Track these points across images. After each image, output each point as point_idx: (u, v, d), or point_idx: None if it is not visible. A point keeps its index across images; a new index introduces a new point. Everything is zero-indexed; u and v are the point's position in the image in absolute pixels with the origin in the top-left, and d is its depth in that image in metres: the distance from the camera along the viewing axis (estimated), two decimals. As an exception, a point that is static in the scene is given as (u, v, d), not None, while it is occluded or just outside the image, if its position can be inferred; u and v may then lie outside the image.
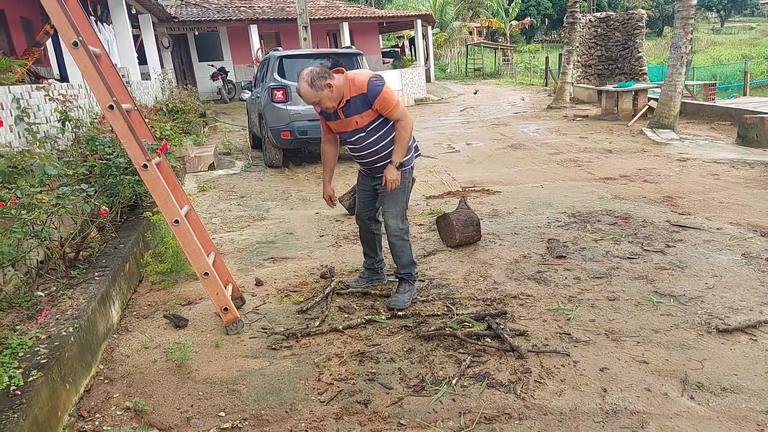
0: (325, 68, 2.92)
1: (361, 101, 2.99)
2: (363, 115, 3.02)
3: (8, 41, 9.92)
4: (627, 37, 16.10)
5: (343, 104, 3.00)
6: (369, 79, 2.97)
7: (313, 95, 2.89)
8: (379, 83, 2.97)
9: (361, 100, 2.99)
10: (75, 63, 2.68)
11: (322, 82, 2.87)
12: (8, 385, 1.98)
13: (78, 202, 2.77)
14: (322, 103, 2.94)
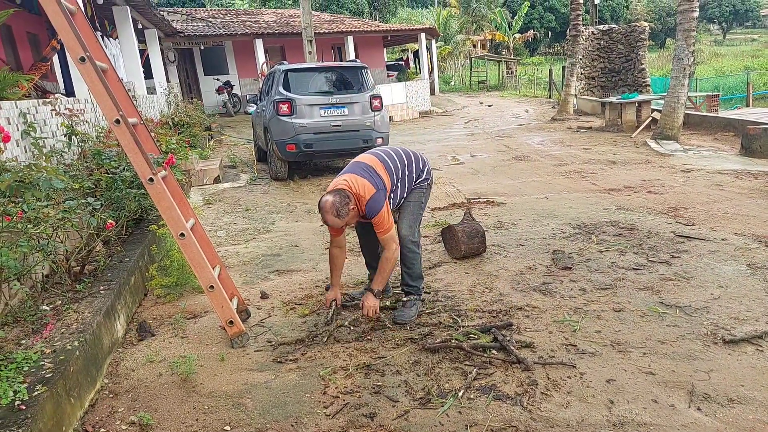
0: (342, 193, 2.97)
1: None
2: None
3: (15, 56, 10.07)
4: (630, 50, 16.19)
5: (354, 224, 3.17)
6: (368, 201, 3.01)
7: (342, 222, 3.00)
8: (375, 207, 3.01)
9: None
10: (82, 78, 2.72)
11: (347, 209, 2.96)
12: (13, 400, 1.98)
13: (84, 215, 2.80)
14: (349, 224, 3.08)
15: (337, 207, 2.91)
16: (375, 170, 3.16)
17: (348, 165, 3.28)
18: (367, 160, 3.26)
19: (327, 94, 7.87)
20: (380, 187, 3.07)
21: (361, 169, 3.16)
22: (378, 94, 8.17)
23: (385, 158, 3.27)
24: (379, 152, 3.36)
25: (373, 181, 3.08)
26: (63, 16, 2.62)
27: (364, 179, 3.07)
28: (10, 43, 10.10)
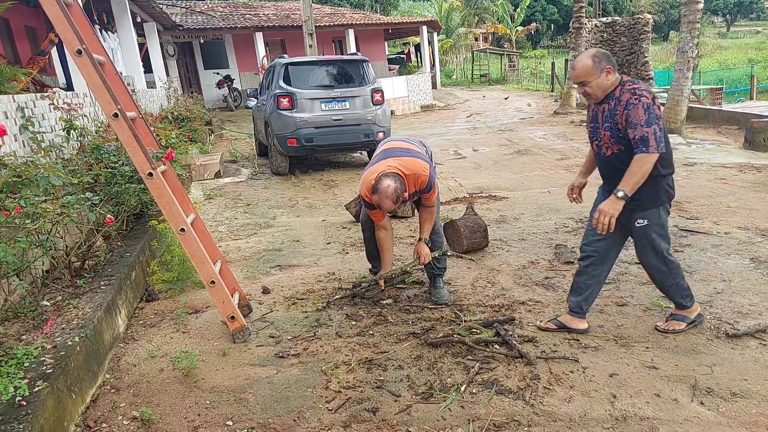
0: (400, 178, 2.96)
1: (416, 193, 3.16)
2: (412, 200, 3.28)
3: (13, 50, 10.03)
4: (633, 42, 16.08)
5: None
6: (429, 178, 3.08)
7: (396, 206, 3.00)
8: (433, 179, 3.12)
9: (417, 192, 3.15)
10: (79, 71, 2.70)
11: (404, 195, 2.97)
12: (14, 396, 1.98)
13: (83, 210, 2.78)
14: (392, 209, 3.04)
15: (398, 193, 2.92)
16: (415, 150, 3.22)
17: (381, 152, 3.26)
18: (399, 144, 3.29)
19: (328, 87, 7.83)
20: (431, 164, 3.15)
21: (401, 151, 3.18)
22: (379, 88, 8.12)
23: (413, 141, 3.38)
24: (403, 138, 3.45)
25: (423, 158, 3.15)
26: (59, 8, 2.59)
27: (413, 158, 3.11)
28: (7, 36, 10.06)
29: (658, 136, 2.36)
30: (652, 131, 2.35)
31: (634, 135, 2.40)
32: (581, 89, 2.57)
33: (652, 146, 2.36)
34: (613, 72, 2.48)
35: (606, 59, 2.47)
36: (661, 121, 2.41)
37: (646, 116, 2.36)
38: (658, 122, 2.38)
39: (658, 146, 2.36)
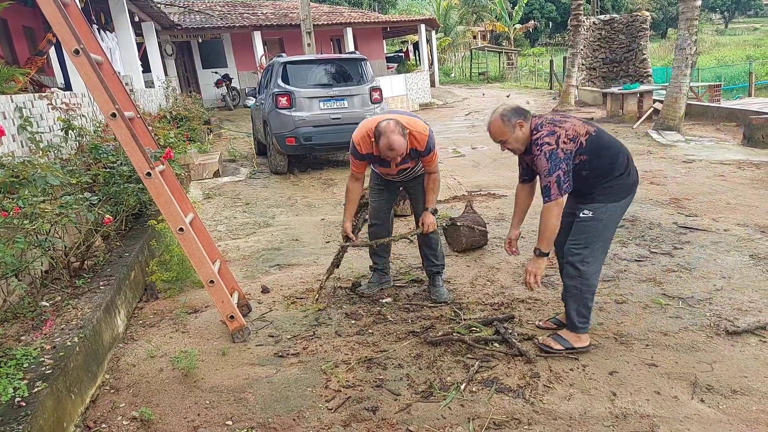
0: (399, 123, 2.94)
1: (413, 153, 3.09)
2: (414, 162, 3.18)
3: (11, 50, 10.01)
4: (631, 40, 16.09)
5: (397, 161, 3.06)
6: (428, 137, 3.06)
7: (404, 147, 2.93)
8: (433, 142, 3.11)
9: (415, 152, 3.08)
10: (77, 71, 2.69)
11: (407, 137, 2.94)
12: (13, 397, 1.97)
13: (82, 211, 2.77)
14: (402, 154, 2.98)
15: (401, 128, 2.90)
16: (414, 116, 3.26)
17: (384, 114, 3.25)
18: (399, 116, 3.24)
19: (326, 86, 7.81)
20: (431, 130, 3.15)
21: (398, 113, 3.20)
22: (378, 86, 8.11)
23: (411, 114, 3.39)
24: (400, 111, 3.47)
25: (421, 120, 3.15)
26: (56, 8, 2.58)
27: (412, 118, 3.12)
28: (5, 36, 10.03)
29: (561, 181, 2.43)
30: (555, 179, 2.43)
31: (540, 185, 2.51)
32: (503, 147, 2.65)
33: (554, 194, 2.44)
34: (526, 122, 2.55)
35: (515, 114, 2.55)
36: (564, 164, 2.43)
37: (548, 165, 2.44)
38: (562, 165, 2.43)
39: (560, 192, 2.44)
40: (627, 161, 2.59)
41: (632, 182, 2.61)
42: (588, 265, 2.57)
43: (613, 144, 2.60)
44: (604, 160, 2.53)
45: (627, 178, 2.58)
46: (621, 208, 2.62)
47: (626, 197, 2.61)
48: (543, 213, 2.50)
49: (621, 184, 2.56)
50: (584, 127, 2.53)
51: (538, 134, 2.50)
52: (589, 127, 2.55)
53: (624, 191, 2.59)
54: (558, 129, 2.48)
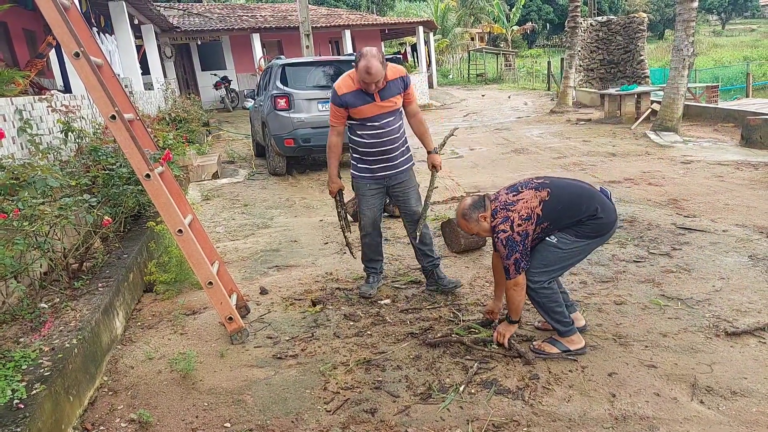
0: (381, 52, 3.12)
1: (396, 85, 3.21)
2: (396, 98, 3.23)
3: (11, 53, 10.00)
4: (628, 41, 16.13)
5: (383, 86, 3.14)
6: (406, 75, 3.25)
7: (382, 73, 3.04)
8: (410, 79, 3.31)
9: (397, 84, 3.21)
10: (77, 73, 2.69)
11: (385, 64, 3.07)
12: (11, 399, 1.97)
13: (81, 212, 2.77)
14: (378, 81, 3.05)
15: (382, 56, 3.03)
16: None
17: None
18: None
19: (325, 88, 7.81)
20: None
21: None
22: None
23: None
24: None
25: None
26: (56, 11, 2.58)
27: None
28: (6, 39, 10.03)
29: (518, 262, 2.55)
30: (512, 262, 2.55)
31: (503, 265, 2.63)
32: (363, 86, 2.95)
33: (513, 274, 2.57)
34: (487, 211, 2.65)
35: (474, 210, 2.65)
36: (521, 245, 2.54)
37: (506, 251, 2.56)
38: (518, 248, 2.54)
39: (518, 271, 2.56)
40: (595, 203, 2.59)
41: (607, 222, 2.60)
42: (538, 283, 2.62)
43: (573, 196, 2.62)
44: (566, 216, 2.59)
45: (600, 219, 2.58)
46: (590, 245, 2.66)
47: (600, 236, 2.64)
48: (507, 290, 2.65)
49: (595, 224, 2.59)
50: (537, 197, 2.59)
51: (494, 222, 2.61)
52: (542, 193, 2.59)
53: (599, 230, 2.61)
54: (511, 213, 2.57)
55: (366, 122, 3.24)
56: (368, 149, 3.31)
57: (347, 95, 3.16)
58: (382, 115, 3.22)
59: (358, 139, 3.32)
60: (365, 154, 3.34)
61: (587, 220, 2.58)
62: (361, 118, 3.23)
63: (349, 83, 3.15)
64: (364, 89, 3.12)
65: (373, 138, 3.27)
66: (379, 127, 3.24)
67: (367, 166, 3.37)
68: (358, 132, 3.30)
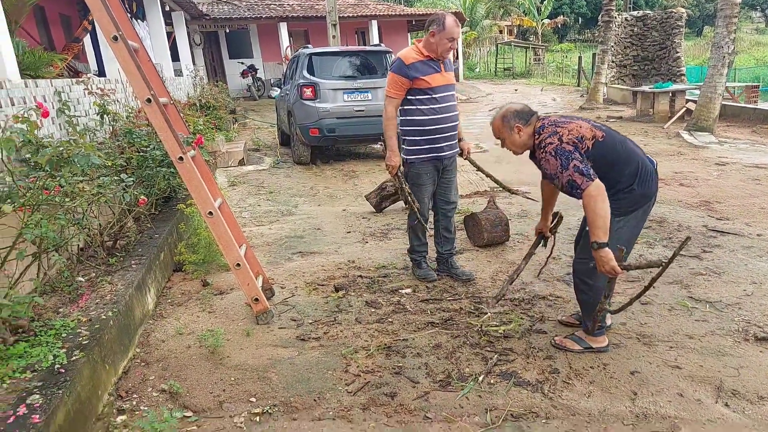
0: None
1: (449, 63, 3.30)
2: (452, 75, 3.31)
3: (48, 37, 10.28)
4: (665, 37, 15.69)
5: (444, 59, 3.19)
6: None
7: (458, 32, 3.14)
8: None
9: (449, 62, 3.30)
10: (115, 57, 2.77)
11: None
12: (53, 364, 2.07)
13: (117, 191, 2.87)
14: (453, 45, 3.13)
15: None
16: None
17: None
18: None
19: (351, 78, 7.84)
20: None
21: None
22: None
23: None
24: None
25: None
26: (99, -5, 2.66)
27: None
28: (43, 23, 10.30)
29: (581, 169, 2.26)
30: (573, 170, 2.27)
31: (560, 184, 2.36)
32: (502, 146, 2.65)
33: (583, 183, 2.25)
34: (525, 127, 2.47)
35: (515, 117, 2.48)
36: (576, 152, 2.30)
37: (559, 161, 2.31)
38: (574, 155, 2.29)
39: (588, 177, 2.25)
40: (637, 172, 2.38)
41: (641, 195, 2.39)
42: (597, 279, 2.48)
43: (623, 153, 2.39)
44: (609, 170, 2.35)
45: (635, 191, 2.38)
46: (629, 223, 2.43)
47: (634, 211, 2.42)
48: (584, 205, 2.28)
49: (627, 199, 2.38)
50: (591, 131, 2.37)
51: (540, 137, 2.42)
52: (597, 131, 2.38)
53: (631, 205, 2.39)
54: (560, 129, 2.36)
55: (432, 93, 3.19)
56: (430, 126, 3.23)
57: (415, 64, 3.13)
58: (446, 87, 3.21)
59: (420, 116, 3.21)
60: (426, 132, 3.24)
61: (623, 192, 2.37)
62: (426, 89, 3.17)
63: (415, 53, 3.14)
64: (436, 57, 3.15)
65: (436, 113, 3.22)
66: (443, 99, 3.21)
67: (429, 145, 3.27)
68: (420, 107, 3.20)
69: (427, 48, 3.16)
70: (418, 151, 3.30)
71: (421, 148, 3.29)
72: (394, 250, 4.23)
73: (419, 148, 3.29)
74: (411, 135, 3.29)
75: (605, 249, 2.27)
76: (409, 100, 3.22)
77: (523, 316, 3.05)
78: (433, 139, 3.27)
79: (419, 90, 3.18)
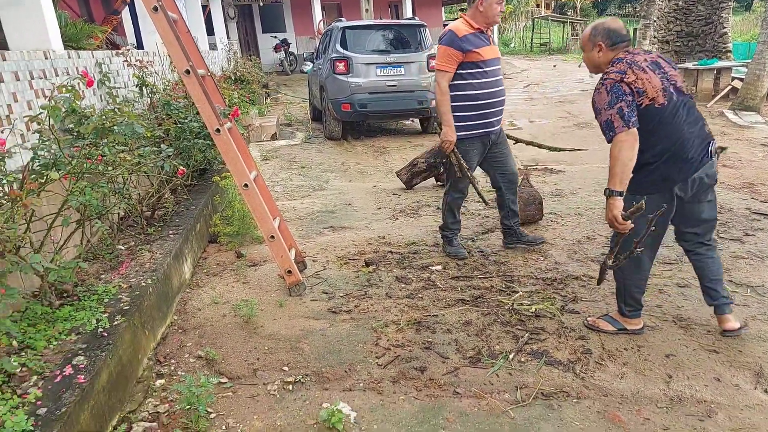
0: None
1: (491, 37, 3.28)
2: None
3: (87, 10, 10.45)
4: (711, 11, 14.88)
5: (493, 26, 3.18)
6: None
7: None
8: None
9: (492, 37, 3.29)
10: (155, 27, 2.80)
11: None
12: (96, 327, 2.16)
13: (158, 162, 2.94)
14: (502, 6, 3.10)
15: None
16: None
17: None
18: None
19: (384, 52, 7.75)
20: None
21: None
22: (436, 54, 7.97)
23: None
24: None
25: None
26: (139, -34, 2.68)
27: None
28: (82, -4, 10.47)
29: (624, 113, 2.15)
30: (616, 111, 2.16)
31: (600, 122, 2.26)
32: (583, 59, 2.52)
33: (619, 127, 2.17)
34: (607, 49, 2.30)
35: (603, 35, 2.31)
36: (629, 97, 2.17)
37: (609, 98, 2.19)
38: (625, 98, 2.17)
39: (626, 123, 2.16)
40: (669, 152, 2.26)
41: (662, 176, 2.27)
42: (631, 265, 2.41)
43: (668, 129, 2.25)
44: (644, 137, 2.22)
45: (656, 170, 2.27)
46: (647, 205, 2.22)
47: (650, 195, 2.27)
48: (610, 151, 2.22)
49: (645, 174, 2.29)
50: (656, 93, 2.20)
51: (609, 68, 2.26)
52: (660, 97, 2.21)
53: (648, 185, 2.29)
54: (630, 72, 2.19)
55: (483, 66, 3.14)
56: (483, 100, 3.19)
57: (467, 36, 3.09)
58: (495, 60, 3.19)
59: (472, 91, 3.16)
60: (477, 107, 3.19)
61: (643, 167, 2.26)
62: (479, 62, 3.12)
63: (465, 26, 3.10)
64: (485, 28, 3.13)
65: (488, 87, 3.18)
66: (494, 73, 3.18)
67: (479, 120, 3.22)
68: (471, 81, 3.15)
69: (476, 19, 3.11)
70: (467, 128, 3.23)
71: (471, 123, 3.23)
72: (425, 227, 4.22)
73: (469, 123, 3.22)
74: (461, 110, 3.21)
75: (616, 198, 2.24)
76: (460, 74, 3.15)
77: (555, 296, 3.01)
78: (484, 114, 3.23)
79: (471, 63, 3.12)
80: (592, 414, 2.10)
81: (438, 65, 3.17)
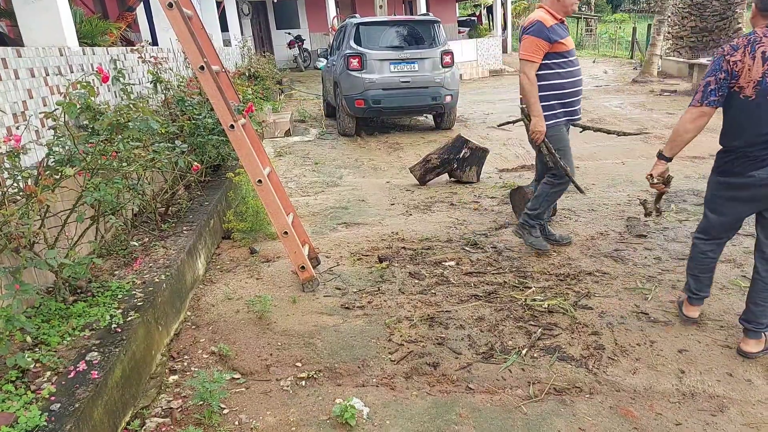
0: None
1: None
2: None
3: (102, 6, 10.57)
4: (726, 7, 14.58)
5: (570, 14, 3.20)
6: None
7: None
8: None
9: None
10: (170, 24, 2.83)
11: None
12: (109, 323, 2.19)
13: (172, 158, 2.97)
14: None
15: None
16: None
17: None
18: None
19: (398, 49, 7.73)
20: None
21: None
22: (449, 50, 7.92)
23: None
24: None
25: None
26: (154, -36, 2.70)
27: None
28: (98, -6, 10.59)
29: (707, 90, 2.22)
30: (703, 83, 2.25)
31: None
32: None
33: (695, 100, 2.27)
34: (759, 15, 2.21)
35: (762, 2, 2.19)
36: (723, 73, 2.18)
37: (709, 68, 2.26)
38: (718, 75, 2.20)
39: (703, 100, 2.24)
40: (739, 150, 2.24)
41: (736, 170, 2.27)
42: (696, 237, 2.52)
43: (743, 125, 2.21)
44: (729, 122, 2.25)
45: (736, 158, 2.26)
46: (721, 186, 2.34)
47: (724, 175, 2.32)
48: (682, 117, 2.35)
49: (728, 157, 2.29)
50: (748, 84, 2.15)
51: (738, 40, 2.22)
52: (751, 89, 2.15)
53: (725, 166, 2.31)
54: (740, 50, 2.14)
55: (567, 56, 3.20)
56: (569, 89, 3.24)
57: (555, 26, 3.11)
58: (574, 50, 3.24)
59: (558, 80, 3.21)
60: (563, 96, 3.24)
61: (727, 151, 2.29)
62: (564, 52, 3.17)
63: (549, 17, 3.12)
64: (563, 17, 3.15)
65: (572, 75, 3.23)
66: (576, 62, 3.23)
67: (564, 108, 3.27)
68: (558, 71, 3.19)
69: (556, 9, 3.13)
70: (554, 116, 3.27)
71: (556, 112, 3.27)
72: (438, 222, 4.22)
73: (555, 112, 3.27)
74: (547, 100, 3.23)
75: (660, 160, 2.50)
76: (546, 64, 3.18)
77: (568, 292, 3.00)
78: (570, 102, 3.28)
79: (557, 53, 3.15)
80: (605, 409, 2.09)
81: (525, 55, 3.17)
